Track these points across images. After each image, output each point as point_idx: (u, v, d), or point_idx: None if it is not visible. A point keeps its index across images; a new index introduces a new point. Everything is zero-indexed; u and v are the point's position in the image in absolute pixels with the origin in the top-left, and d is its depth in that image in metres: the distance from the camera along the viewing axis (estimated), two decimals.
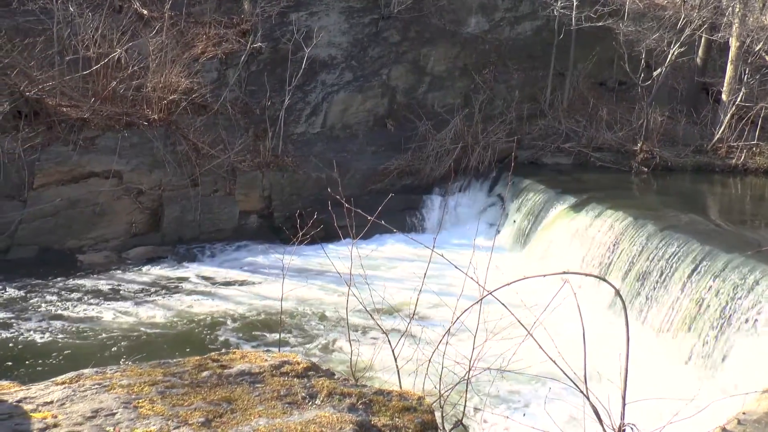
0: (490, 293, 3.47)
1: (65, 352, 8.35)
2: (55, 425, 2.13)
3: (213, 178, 13.32)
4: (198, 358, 2.79)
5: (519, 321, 3.44)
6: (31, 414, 2.19)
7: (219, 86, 14.32)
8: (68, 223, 12.11)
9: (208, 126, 13.71)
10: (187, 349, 8.37)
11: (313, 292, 10.22)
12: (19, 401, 2.29)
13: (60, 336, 8.78)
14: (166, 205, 12.82)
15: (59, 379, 2.49)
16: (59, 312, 9.64)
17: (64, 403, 2.27)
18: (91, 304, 10.00)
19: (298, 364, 2.85)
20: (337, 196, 4.41)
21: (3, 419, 2.15)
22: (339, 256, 4.39)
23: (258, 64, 15.00)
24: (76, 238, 12.16)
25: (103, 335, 8.87)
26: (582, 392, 3.01)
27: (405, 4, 16.17)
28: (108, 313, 9.67)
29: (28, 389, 2.40)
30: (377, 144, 15.62)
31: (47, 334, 8.82)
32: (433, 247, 3.85)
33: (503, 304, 3.49)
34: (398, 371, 3.76)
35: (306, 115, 15.19)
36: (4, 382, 2.59)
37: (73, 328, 9.05)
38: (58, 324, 9.17)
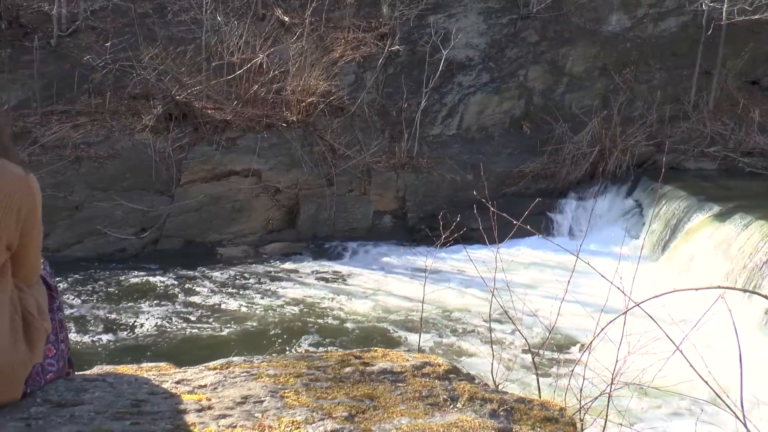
0: (638, 305, 3.28)
1: (209, 339, 8.79)
2: (209, 407, 2.20)
3: (348, 178, 13.60)
4: (341, 353, 2.82)
5: (667, 336, 3.24)
6: (187, 395, 2.29)
7: (356, 89, 14.61)
8: (210, 217, 12.77)
9: (344, 127, 14.03)
10: (323, 344, 8.58)
11: (449, 294, 10.16)
12: (177, 382, 2.40)
13: (203, 323, 9.26)
14: (302, 203, 13.23)
15: (211, 364, 2.59)
16: (202, 301, 10.18)
17: (216, 388, 2.35)
18: (230, 294, 10.48)
19: (439, 365, 2.80)
20: (483, 199, 4.31)
21: (165, 397, 2.26)
22: (474, 258, 4.32)
23: (395, 66, 15.17)
24: (216, 232, 12.80)
25: (242, 325, 9.26)
26: (738, 418, 2.77)
27: (544, 3, 15.81)
28: (245, 304, 10.09)
29: (184, 372, 2.51)
30: (512, 146, 15.37)
31: (192, 321, 9.32)
32: (578, 253, 3.69)
33: (651, 318, 3.29)
34: (538, 379, 3.64)
35: (442, 117, 15.19)
36: (162, 364, 2.72)
37: (214, 317, 9.51)
38: (201, 312, 9.68)
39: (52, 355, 2.35)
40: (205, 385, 2.37)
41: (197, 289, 10.68)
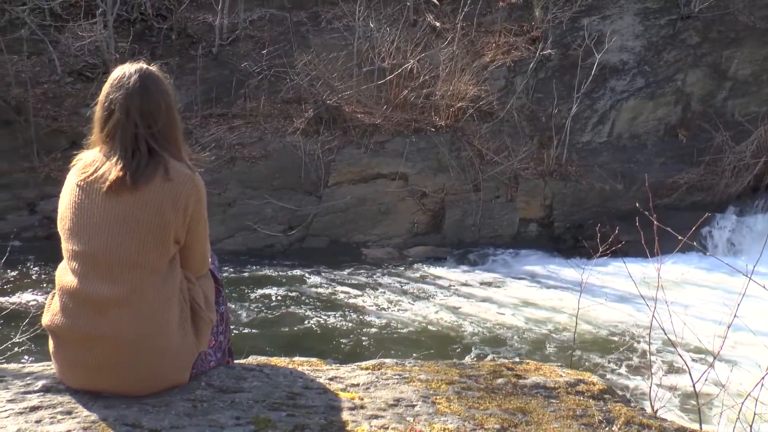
0: None
1: (353, 337, 8.96)
2: (362, 406, 2.23)
3: (495, 184, 13.43)
4: (492, 363, 2.76)
5: None
6: (341, 392, 2.32)
7: (506, 93, 14.41)
8: (356, 219, 13.05)
9: (493, 133, 13.89)
10: (468, 351, 8.49)
11: (600, 309, 9.73)
12: (331, 379, 2.45)
13: (347, 321, 9.46)
14: (448, 208, 13.21)
15: (363, 364, 2.62)
16: (346, 299, 10.41)
17: (368, 388, 2.38)
18: (374, 295, 10.63)
19: (594, 384, 2.68)
20: (645, 211, 4.06)
21: (319, 393, 2.31)
22: (623, 273, 4.09)
23: (546, 71, 14.82)
24: (361, 233, 13.05)
25: (386, 326, 9.37)
26: None
27: (708, 2, 14.84)
28: (389, 306, 10.20)
29: (337, 369, 2.56)
30: (666, 155, 14.55)
31: (336, 318, 9.55)
32: (751, 274, 3.37)
33: None
34: (699, 409, 3.38)
35: (592, 123, 14.66)
36: (313, 359, 2.79)
37: (358, 316, 9.69)
38: (345, 310, 9.89)
39: (213, 345, 2.48)
40: (357, 384, 2.41)
41: (342, 287, 10.94)
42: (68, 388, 2.22)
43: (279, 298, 10.30)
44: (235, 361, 2.66)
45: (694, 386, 3.50)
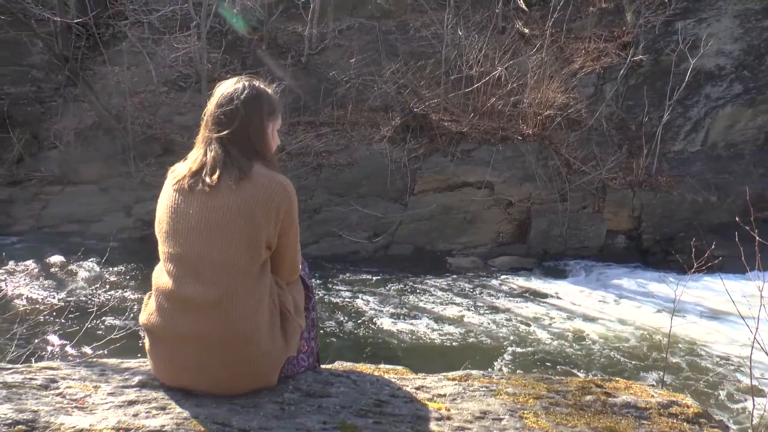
0: None
1: (437, 346, 8.90)
2: (448, 417, 2.20)
3: (582, 194, 13.13)
4: (580, 380, 2.68)
5: None
6: (427, 402, 2.31)
7: (595, 101, 14.08)
8: (441, 227, 13.01)
9: (581, 141, 13.59)
10: (552, 366, 8.30)
11: (693, 327, 9.31)
12: (417, 388, 2.43)
13: (431, 330, 9.41)
14: (534, 217, 13.00)
15: (450, 375, 2.60)
16: (431, 308, 10.37)
17: (455, 399, 2.35)
18: (458, 304, 10.55)
19: (689, 407, 2.54)
20: (746, 226, 3.84)
21: (406, 401, 2.30)
22: (717, 289, 3.89)
23: (637, 77, 14.39)
24: (446, 242, 13.00)
25: (469, 336, 9.28)
26: None
27: None
28: (473, 315, 10.10)
29: (423, 379, 2.54)
30: (766, 166, 13.85)
31: (420, 327, 9.52)
32: None
33: None
34: None
35: (685, 132, 14.10)
36: (399, 367, 2.78)
37: (443, 325, 9.64)
38: (429, 319, 9.86)
39: (305, 350, 2.51)
40: (444, 395, 2.38)
41: (426, 296, 10.92)
42: (162, 385, 2.30)
43: (363, 304, 10.37)
44: (322, 366, 2.69)
45: None
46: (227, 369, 2.23)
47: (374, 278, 11.62)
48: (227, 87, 2.40)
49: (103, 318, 8.38)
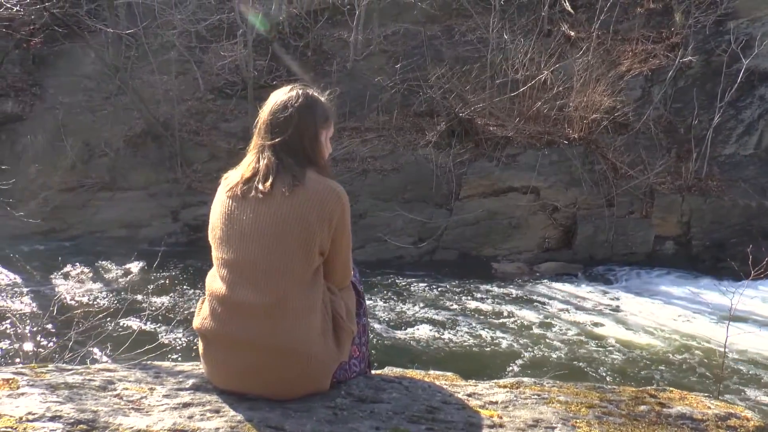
0: None
1: (485, 352, 8.82)
2: (501, 425, 2.19)
3: (629, 199, 12.91)
4: (634, 389, 2.64)
5: None
6: (479, 409, 2.30)
7: (642, 104, 13.84)
8: (486, 232, 12.93)
9: (628, 145, 13.37)
10: (601, 374, 8.16)
11: (748, 337, 9.00)
12: (469, 395, 2.43)
13: (477, 336, 9.35)
14: (580, 223, 12.83)
15: (501, 382, 2.58)
16: (476, 314, 10.31)
17: (507, 407, 2.33)
18: (504, 311, 10.47)
19: (748, 420, 2.47)
20: None
21: (458, 408, 2.30)
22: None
23: (686, 79, 14.09)
24: (492, 247, 12.92)
25: (517, 343, 9.18)
26: None
27: None
28: (519, 322, 10.00)
29: (475, 386, 2.53)
30: None
31: (466, 332, 9.46)
32: None
33: None
34: None
35: (737, 135, 13.76)
36: (449, 374, 2.78)
37: (489, 331, 9.56)
38: (475, 324, 9.80)
39: (357, 356, 2.53)
40: (496, 402, 2.37)
41: (472, 302, 10.86)
42: (216, 388, 2.34)
43: (408, 309, 10.37)
44: (374, 372, 2.70)
45: None
46: (280, 374, 2.25)
47: (420, 283, 11.61)
48: (281, 95, 2.44)
49: (156, 321, 8.55)
